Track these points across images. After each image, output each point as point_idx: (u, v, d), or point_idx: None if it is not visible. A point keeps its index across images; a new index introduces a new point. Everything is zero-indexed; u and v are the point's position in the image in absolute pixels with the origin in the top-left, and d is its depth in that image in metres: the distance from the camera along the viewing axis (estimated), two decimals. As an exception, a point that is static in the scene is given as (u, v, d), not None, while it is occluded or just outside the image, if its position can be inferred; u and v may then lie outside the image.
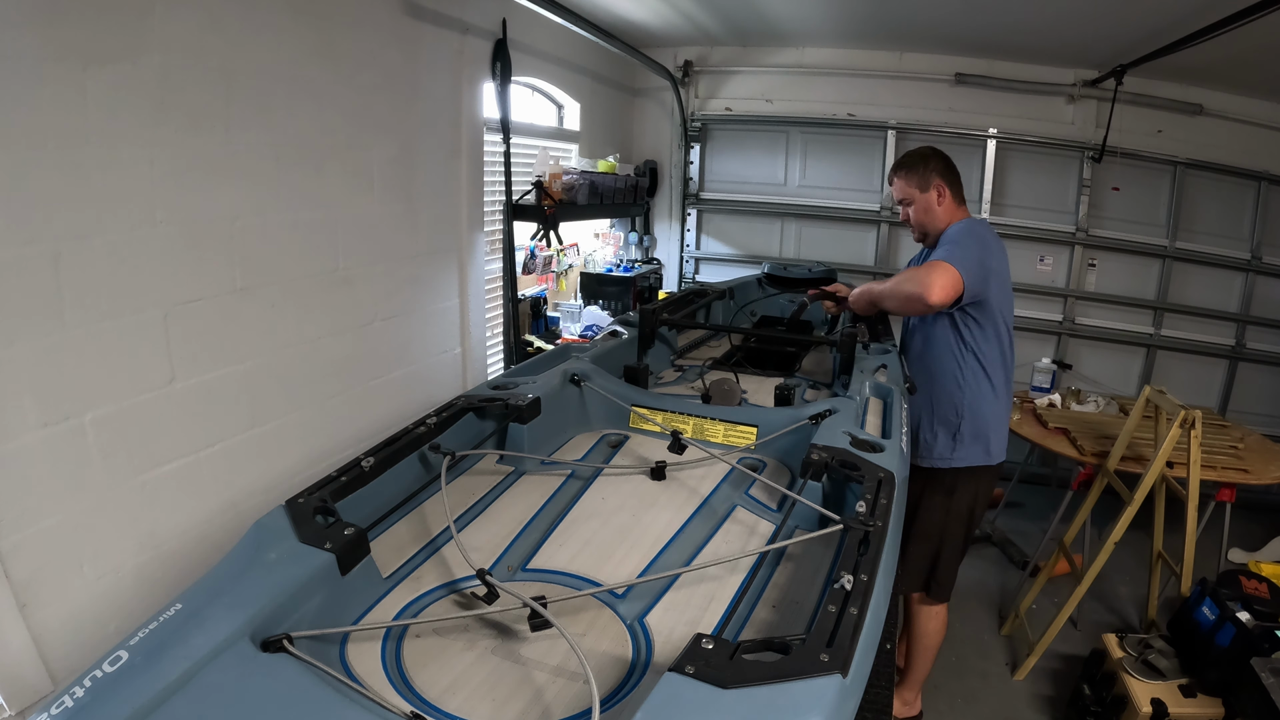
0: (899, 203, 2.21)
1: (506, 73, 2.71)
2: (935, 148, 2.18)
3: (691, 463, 1.54)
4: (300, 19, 1.80)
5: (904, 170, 2.16)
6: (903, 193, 2.17)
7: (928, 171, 2.11)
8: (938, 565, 2.20)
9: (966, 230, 2.03)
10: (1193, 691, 2.13)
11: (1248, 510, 3.71)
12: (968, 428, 2.10)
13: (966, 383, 2.09)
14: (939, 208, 2.13)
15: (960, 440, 2.11)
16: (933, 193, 2.12)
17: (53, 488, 1.35)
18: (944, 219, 2.13)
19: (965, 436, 2.11)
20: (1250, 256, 3.95)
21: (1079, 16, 2.92)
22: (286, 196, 1.82)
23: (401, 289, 2.31)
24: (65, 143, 1.31)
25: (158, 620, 0.84)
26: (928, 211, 2.15)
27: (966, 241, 1.97)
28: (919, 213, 2.16)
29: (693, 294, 2.88)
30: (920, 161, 2.14)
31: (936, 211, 2.13)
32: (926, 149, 2.17)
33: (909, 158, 2.17)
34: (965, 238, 1.99)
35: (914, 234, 2.24)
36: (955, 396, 2.10)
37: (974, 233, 2.01)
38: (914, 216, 2.18)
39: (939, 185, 2.11)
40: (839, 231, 4.37)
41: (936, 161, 2.12)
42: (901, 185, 2.16)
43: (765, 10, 3.42)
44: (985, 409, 2.10)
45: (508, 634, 1.02)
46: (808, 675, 0.76)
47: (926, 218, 2.15)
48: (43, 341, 1.31)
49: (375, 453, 1.28)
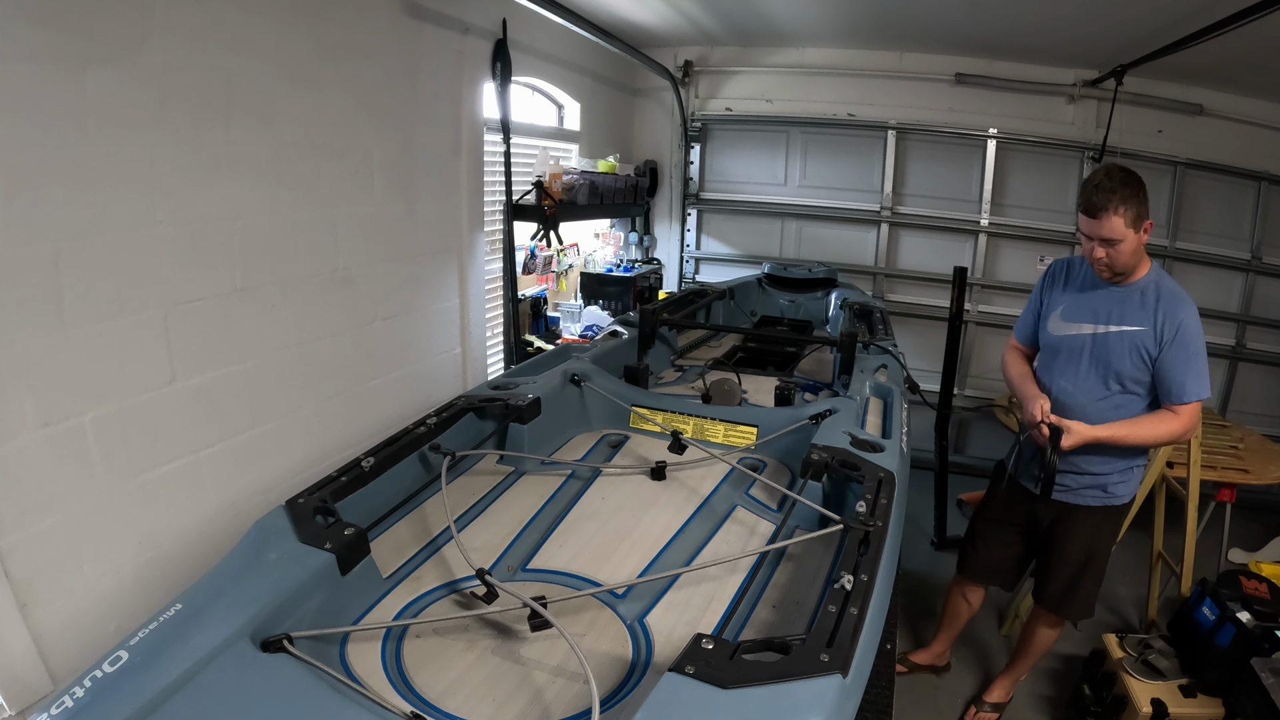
0: (1102, 240, 1.73)
1: (507, 73, 2.71)
2: (1131, 171, 1.75)
3: (691, 463, 1.53)
4: (300, 19, 1.79)
5: (1125, 202, 1.68)
6: (1115, 231, 1.70)
7: (1144, 204, 1.71)
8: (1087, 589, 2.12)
9: (1195, 316, 1.76)
10: (1193, 692, 2.13)
11: (1248, 510, 3.70)
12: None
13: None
14: (1141, 246, 1.78)
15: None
16: (1144, 233, 1.75)
17: (53, 488, 1.35)
18: (1140, 261, 1.81)
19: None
20: (1250, 257, 3.95)
21: (1079, 16, 2.92)
22: (287, 196, 1.82)
23: (402, 289, 2.31)
24: (65, 143, 1.31)
25: (158, 620, 0.84)
26: (1136, 253, 1.78)
27: (1198, 332, 1.75)
28: (1127, 256, 1.76)
29: (693, 294, 2.88)
30: (1140, 190, 1.71)
31: (1140, 253, 1.80)
32: (1131, 172, 1.72)
33: (1127, 183, 1.70)
34: (1198, 329, 1.76)
35: (1103, 273, 1.83)
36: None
37: (1196, 315, 1.76)
38: (1118, 260, 1.76)
39: (1149, 222, 1.75)
40: (839, 231, 4.37)
41: (1146, 191, 1.72)
42: (1116, 222, 1.69)
43: (765, 10, 3.41)
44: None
45: (508, 634, 1.02)
46: (808, 675, 0.76)
47: (1134, 260, 1.80)
48: (43, 341, 1.31)
49: (375, 453, 1.28)
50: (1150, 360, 1.79)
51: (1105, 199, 1.68)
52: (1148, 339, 1.78)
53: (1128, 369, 1.82)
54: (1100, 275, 1.84)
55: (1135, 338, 1.80)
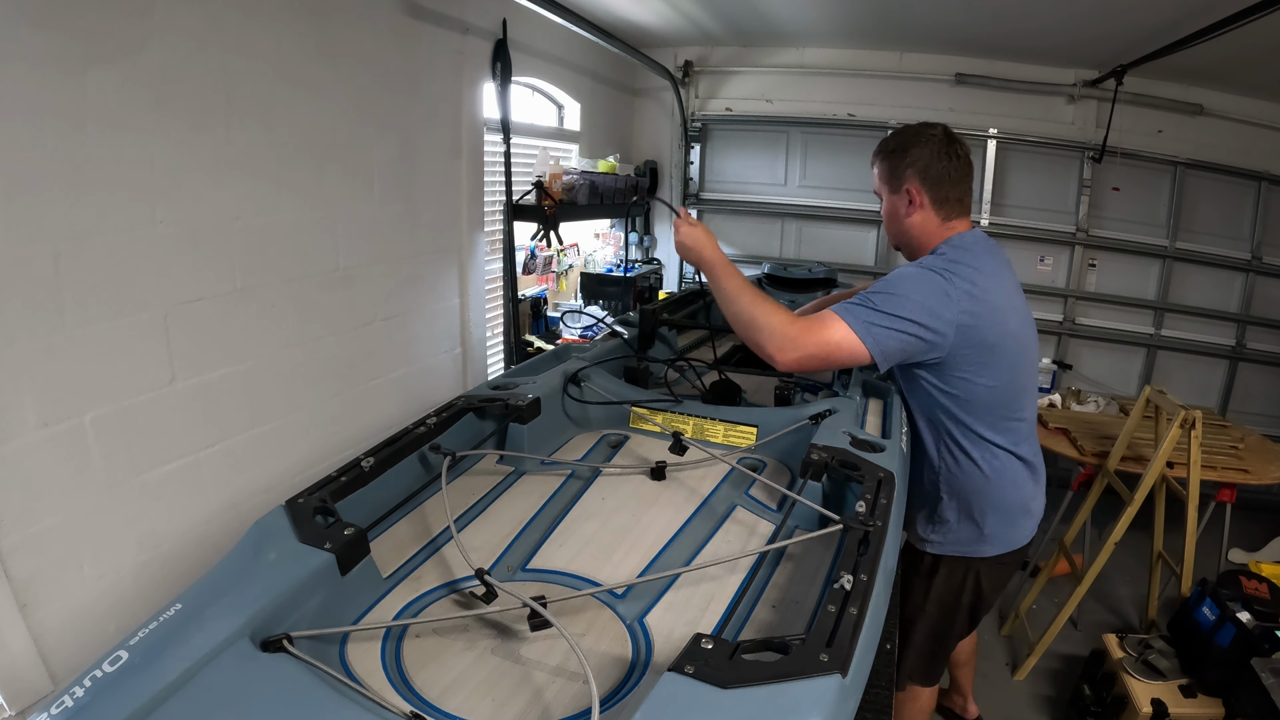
0: (875, 193, 1.67)
1: (507, 73, 2.71)
2: (934, 132, 1.55)
3: (691, 463, 1.54)
4: (300, 19, 1.80)
5: (879, 157, 1.61)
6: (876, 185, 1.64)
7: (902, 165, 1.54)
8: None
9: (915, 271, 1.46)
10: (1193, 692, 2.13)
11: (1248, 510, 3.71)
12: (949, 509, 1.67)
13: (944, 457, 1.63)
14: (907, 219, 1.57)
15: (939, 522, 1.69)
16: (902, 197, 1.56)
17: (53, 488, 1.35)
18: (918, 237, 1.57)
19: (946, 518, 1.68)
20: (1250, 257, 3.95)
21: (1079, 16, 2.92)
22: (287, 196, 1.82)
23: (402, 289, 2.31)
24: (65, 143, 1.31)
25: (158, 620, 0.84)
26: (893, 220, 1.61)
27: (904, 289, 1.41)
28: (886, 218, 1.63)
29: (693, 294, 2.88)
30: (900, 149, 1.55)
31: (904, 224, 1.58)
32: (918, 129, 1.56)
33: (892, 138, 1.60)
34: (905, 283, 1.43)
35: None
36: (929, 470, 1.66)
37: (924, 275, 1.44)
38: (884, 220, 1.65)
39: (911, 189, 1.54)
40: (839, 232, 4.37)
41: (919, 152, 1.52)
42: (875, 175, 1.63)
43: (765, 10, 3.41)
44: (971, 486, 1.63)
45: (508, 634, 1.02)
46: (807, 675, 0.76)
47: (893, 228, 1.62)
48: (43, 341, 1.31)
49: (375, 453, 1.28)
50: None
51: (873, 153, 1.62)
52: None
53: (912, 393, 1.63)
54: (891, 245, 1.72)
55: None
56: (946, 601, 1.74)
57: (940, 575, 1.72)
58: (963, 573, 1.70)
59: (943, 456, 1.63)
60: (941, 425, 1.59)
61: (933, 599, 1.74)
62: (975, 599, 1.74)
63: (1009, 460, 1.61)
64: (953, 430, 1.58)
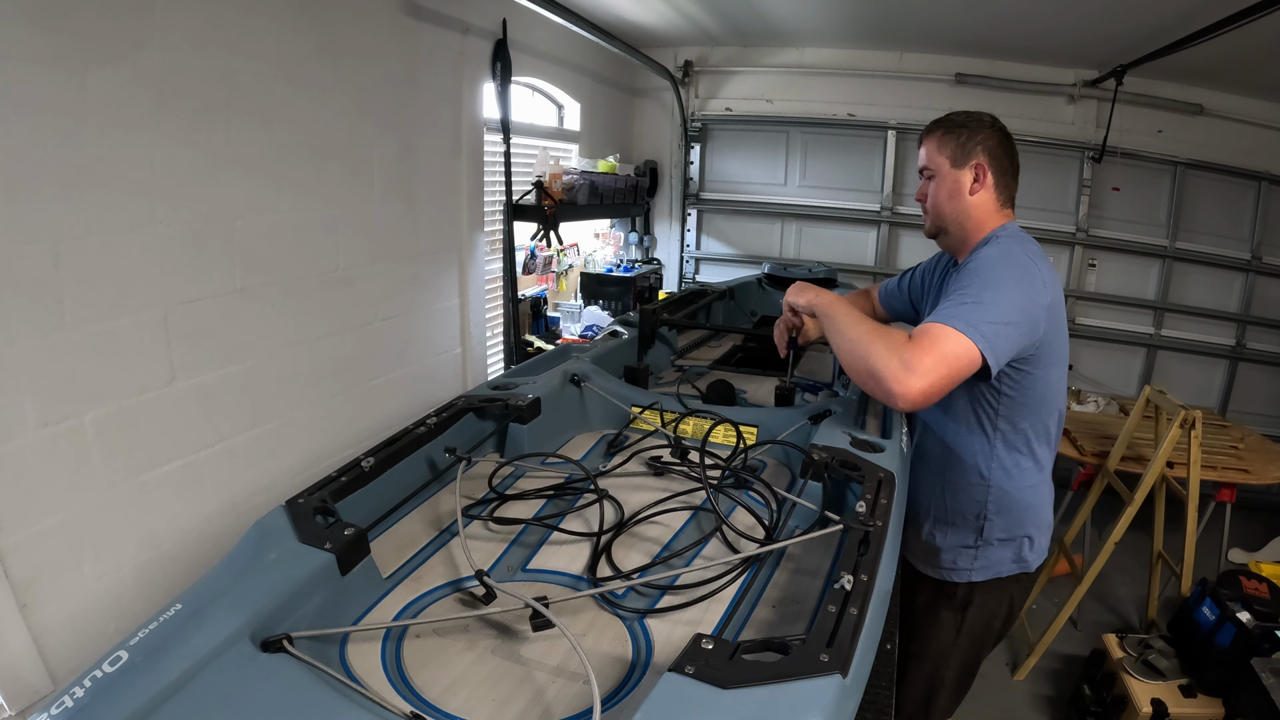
0: (921, 171, 1.55)
1: (507, 73, 2.71)
2: (993, 119, 1.50)
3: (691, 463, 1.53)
4: (300, 19, 1.80)
5: (941, 131, 1.50)
6: (929, 160, 1.52)
7: (972, 141, 1.46)
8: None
9: (1003, 256, 1.36)
10: (1193, 692, 2.13)
11: (1248, 510, 3.71)
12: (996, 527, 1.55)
13: (995, 470, 1.52)
14: (970, 198, 1.47)
15: (985, 544, 1.57)
16: (968, 172, 1.47)
17: (53, 488, 1.35)
18: (976, 219, 1.48)
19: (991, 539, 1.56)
20: (1250, 257, 3.95)
21: (1079, 16, 2.92)
22: (287, 196, 1.82)
23: (402, 289, 2.31)
24: (65, 142, 1.31)
25: (158, 620, 0.84)
26: (954, 198, 1.49)
27: (1001, 278, 1.31)
28: (941, 195, 1.50)
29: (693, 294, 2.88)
30: (969, 125, 1.47)
31: (966, 202, 1.48)
32: (979, 113, 1.50)
33: (957, 115, 1.51)
34: (999, 269, 1.33)
35: (926, 225, 1.59)
36: (977, 486, 1.53)
37: (1013, 260, 1.35)
38: (933, 199, 1.52)
39: (980, 166, 1.46)
40: (839, 232, 4.37)
41: (993, 133, 1.47)
42: (930, 149, 1.51)
43: (765, 10, 3.41)
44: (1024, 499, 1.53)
45: (508, 634, 1.02)
46: (807, 675, 0.76)
47: (949, 207, 1.50)
48: (43, 341, 1.31)
49: (375, 453, 1.28)
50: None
51: (926, 130, 1.52)
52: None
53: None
54: (926, 233, 1.60)
55: None
56: (978, 630, 1.65)
57: (975, 605, 1.63)
58: (999, 596, 1.62)
59: (993, 469, 1.52)
60: (995, 432, 1.50)
61: (965, 632, 1.65)
62: (1007, 620, 1.68)
63: (1048, 462, 1.57)
64: (1007, 433, 1.50)
